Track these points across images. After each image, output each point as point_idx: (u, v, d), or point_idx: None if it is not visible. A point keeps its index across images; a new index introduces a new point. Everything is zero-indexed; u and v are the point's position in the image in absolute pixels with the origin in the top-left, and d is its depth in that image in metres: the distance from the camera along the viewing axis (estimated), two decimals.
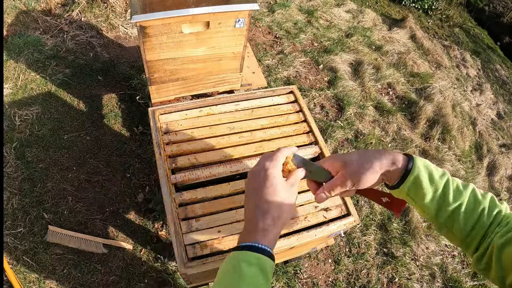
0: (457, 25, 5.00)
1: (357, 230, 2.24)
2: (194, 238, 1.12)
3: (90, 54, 2.64)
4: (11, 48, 2.46)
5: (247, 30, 1.65)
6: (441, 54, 4.05)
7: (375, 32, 3.84)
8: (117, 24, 2.88)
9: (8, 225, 1.82)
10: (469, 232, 0.64)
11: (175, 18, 1.46)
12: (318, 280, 1.99)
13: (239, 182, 1.27)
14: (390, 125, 2.90)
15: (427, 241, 2.31)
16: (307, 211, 1.24)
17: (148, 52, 1.57)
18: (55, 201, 1.94)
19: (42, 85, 2.36)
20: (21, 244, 1.78)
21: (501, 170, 3.01)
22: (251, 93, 1.54)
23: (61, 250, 1.80)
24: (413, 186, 0.65)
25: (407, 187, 0.66)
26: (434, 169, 0.66)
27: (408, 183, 0.65)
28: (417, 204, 0.67)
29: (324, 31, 3.57)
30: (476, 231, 0.63)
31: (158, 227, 1.96)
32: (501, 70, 4.55)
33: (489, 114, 3.64)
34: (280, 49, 3.20)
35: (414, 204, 0.68)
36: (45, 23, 2.69)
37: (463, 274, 2.23)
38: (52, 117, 2.23)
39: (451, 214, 0.64)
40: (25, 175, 1.98)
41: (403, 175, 0.66)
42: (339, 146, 2.63)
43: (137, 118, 2.36)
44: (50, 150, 2.10)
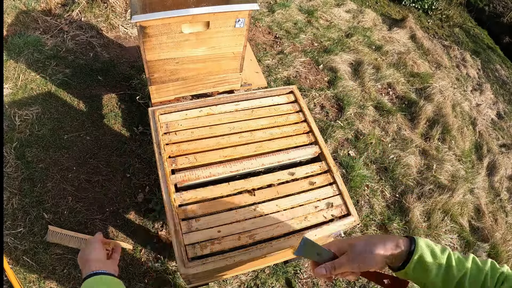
0: (457, 25, 5.00)
1: (357, 230, 2.24)
2: (194, 238, 1.12)
3: (90, 54, 2.64)
4: (11, 48, 2.46)
5: (247, 30, 1.65)
6: (441, 54, 4.05)
7: (375, 32, 3.84)
8: (117, 24, 2.88)
9: (8, 225, 1.82)
10: None
11: (175, 18, 1.46)
12: (318, 280, 1.99)
13: (239, 182, 1.27)
14: (390, 125, 2.90)
15: None
16: (307, 211, 1.24)
17: (148, 52, 1.57)
18: (55, 201, 1.94)
19: (42, 85, 2.36)
20: (21, 244, 1.78)
21: (501, 170, 3.01)
22: (251, 93, 1.54)
23: (61, 250, 1.80)
24: (418, 264, 0.69)
25: (412, 267, 0.69)
26: (435, 246, 0.71)
27: (413, 263, 0.69)
28: (422, 282, 0.70)
29: (324, 31, 3.57)
30: None
31: (158, 227, 1.96)
32: (501, 70, 4.55)
33: (489, 114, 3.64)
34: (280, 49, 3.20)
35: (419, 283, 0.71)
36: (45, 23, 2.69)
37: None
38: (52, 117, 2.23)
39: (457, 285, 0.68)
40: (25, 175, 1.98)
41: (407, 256, 0.70)
42: (339, 146, 2.63)
43: (137, 118, 2.36)
44: (50, 150, 2.10)
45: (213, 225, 1.15)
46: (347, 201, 1.30)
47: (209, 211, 1.17)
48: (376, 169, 2.58)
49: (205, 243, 1.11)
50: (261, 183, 1.28)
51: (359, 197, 2.38)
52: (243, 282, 1.89)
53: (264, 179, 1.29)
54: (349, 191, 2.35)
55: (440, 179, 2.65)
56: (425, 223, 2.37)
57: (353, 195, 2.37)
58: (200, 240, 1.11)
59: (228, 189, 1.24)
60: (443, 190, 2.55)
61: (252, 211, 1.18)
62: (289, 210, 1.22)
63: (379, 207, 2.36)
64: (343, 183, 1.36)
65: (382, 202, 2.41)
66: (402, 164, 2.63)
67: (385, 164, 2.62)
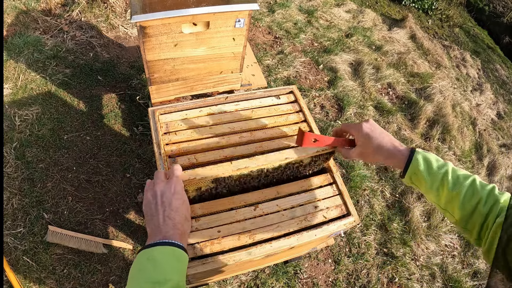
0: (457, 25, 5.00)
1: (357, 230, 2.24)
2: (194, 238, 1.12)
3: (90, 54, 2.64)
4: (11, 48, 2.46)
5: (247, 30, 1.65)
6: (441, 54, 4.05)
7: (375, 32, 3.85)
8: (117, 24, 2.88)
9: (8, 225, 1.82)
10: (468, 219, 0.71)
11: (175, 18, 1.46)
12: (318, 280, 1.99)
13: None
14: (390, 125, 2.90)
15: (427, 241, 2.31)
16: (307, 211, 1.24)
17: (148, 52, 1.57)
18: (55, 201, 1.94)
19: (42, 85, 2.36)
20: (21, 244, 1.78)
21: (501, 170, 3.01)
22: (251, 93, 1.54)
23: (61, 250, 1.80)
24: (414, 175, 0.80)
25: (410, 175, 0.81)
26: (434, 161, 0.79)
27: (410, 172, 0.81)
28: (421, 190, 0.81)
29: (324, 31, 3.57)
30: (475, 217, 0.70)
31: None
32: (501, 70, 4.55)
33: (489, 114, 3.64)
34: (280, 49, 3.20)
35: (419, 190, 0.82)
36: (45, 23, 2.69)
37: (463, 274, 2.23)
38: (52, 117, 2.23)
39: (450, 201, 0.74)
40: (25, 175, 1.98)
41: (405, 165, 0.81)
42: None
43: (137, 118, 2.36)
44: (50, 150, 2.10)
45: (213, 225, 1.15)
46: (347, 201, 1.30)
47: (209, 211, 1.17)
48: (376, 169, 2.58)
49: (205, 243, 1.11)
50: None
51: (359, 197, 2.38)
52: (243, 282, 1.89)
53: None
54: (349, 191, 2.35)
55: None
56: (425, 223, 2.37)
57: (353, 195, 2.37)
58: (200, 240, 1.11)
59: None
60: None
61: (252, 211, 1.18)
62: (289, 210, 1.22)
63: (379, 207, 2.36)
64: (343, 183, 1.36)
65: (382, 202, 2.41)
66: None
67: None
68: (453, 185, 0.73)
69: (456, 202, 0.72)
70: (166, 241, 0.66)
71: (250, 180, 1.17)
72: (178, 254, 0.65)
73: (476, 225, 0.70)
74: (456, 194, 0.72)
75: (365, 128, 0.89)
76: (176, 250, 0.65)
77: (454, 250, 2.34)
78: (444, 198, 0.75)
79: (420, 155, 0.79)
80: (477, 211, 0.69)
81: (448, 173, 0.75)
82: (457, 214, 0.73)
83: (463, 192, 0.72)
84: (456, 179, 0.74)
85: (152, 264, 0.61)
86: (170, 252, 0.64)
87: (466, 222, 0.71)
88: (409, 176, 0.81)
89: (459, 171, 0.76)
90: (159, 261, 0.61)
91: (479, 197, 0.70)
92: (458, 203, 0.72)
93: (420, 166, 0.78)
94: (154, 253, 0.63)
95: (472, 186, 0.72)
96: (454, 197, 0.73)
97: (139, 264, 0.63)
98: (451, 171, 0.76)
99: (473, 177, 0.74)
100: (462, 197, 0.72)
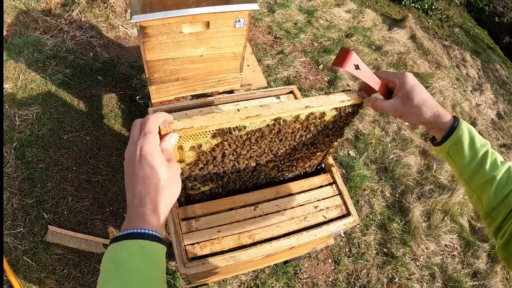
0: (457, 25, 5.00)
1: (357, 230, 2.24)
2: (194, 238, 1.12)
3: (90, 54, 2.64)
4: (11, 48, 2.46)
5: (247, 30, 1.65)
6: (441, 54, 4.05)
7: (375, 32, 3.84)
8: (117, 24, 2.88)
9: (8, 225, 1.82)
10: (496, 206, 0.67)
11: (175, 18, 1.46)
12: (318, 280, 1.99)
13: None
14: (390, 125, 2.90)
15: (427, 241, 2.30)
16: (307, 211, 1.24)
17: (148, 52, 1.57)
18: (55, 201, 1.94)
19: (42, 85, 2.36)
20: (21, 244, 1.78)
21: None
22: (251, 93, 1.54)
23: (61, 250, 1.80)
24: (454, 146, 0.71)
25: (449, 145, 0.72)
26: (477, 137, 0.71)
27: (450, 141, 0.71)
28: (455, 165, 0.72)
29: (324, 31, 3.57)
30: (503, 206, 0.66)
31: None
32: (501, 70, 4.55)
33: (489, 114, 3.64)
34: (280, 49, 3.20)
35: (452, 165, 0.74)
36: (45, 23, 2.69)
37: (463, 274, 2.23)
38: (52, 117, 2.23)
39: (483, 183, 0.68)
40: (25, 175, 1.98)
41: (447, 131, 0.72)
42: (339, 146, 2.63)
43: (137, 118, 2.36)
44: (50, 150, 2.10)
45: (213, 225, 1.15)
46: (347, 201, 1.30)
47: (209, 211, 1.17)
48: (376, 169, 2.58)
49: (205, 243, 1.11)
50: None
51: (359, 197, 2.38)
52: (243, 282, 1.89)
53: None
54: (349, 191, 2.35)
55: (440, 179, 2.65)
56: (425, 223, 2.37)
57: (353, 195, 2.37)
58: (200, 240, 1.11)
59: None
60: (443, 190, 2.55)
61: (252, 211, 1.18)
62: (289, 210, 1.22)
63: (379, 207, 2.36)
64: (343, 183, 1.36)
65: (382, 202, 2.41)
66: (402, 164, 2.63)
67: (385, 164, 2.62)
68: (490, 167, 0.68)
69: (489, 185, 0.68)
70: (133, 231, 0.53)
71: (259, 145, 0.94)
72: (149, 252, 0.52)
73: (501, 214, 0.66)
74: (492, 177, 0.67)
75: (410, 79, 0.76)
76: (147, 246, 0.52)
77: (454, 250, 2.34)
78: (479, 179, 0.69)
79: (465, 126, 0.71)
80: (507, 200, 0.66)
81: (489, 152, 0.70)
82: (486, 199, 0.68)
83: (499, 176, 0.67)
84: (495, 162, 0.69)
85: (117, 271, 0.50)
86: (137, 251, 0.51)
87: (493, 209, 0.67)
88: (448, 146, 0.72)
89: (497, 154, 0.71)
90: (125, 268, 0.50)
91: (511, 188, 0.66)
92: (491, 188, 0.67)
93: (464, 137, 0.70)
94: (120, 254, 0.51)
95: (508, 173, 0.68)
96: (489, 180, 0.68)
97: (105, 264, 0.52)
98: (490, 150, 0.70)
99: (509, 164, 0.70)
100: (497, 182, 0.67)
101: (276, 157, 1.04)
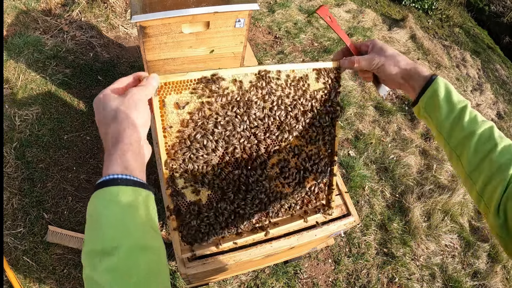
0: (457, 25, 5.00)
1: (357, 230, 2.24)
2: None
3: (90, 54, 2.64)
4: (11, 48, 2.46)
5: (247, 30, 1.65)
6: (441, 54, 4.05)
7: (375, 32, 3.84)
8: (117, 24, 2.88)
9: (8, 225, 1.82)
10: (476, 165, 0.63)
11: (175, 18, 1.46)
12: (318, 280, 1.99)
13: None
14: (390, 125, 2.90)
15: (427, 241, 2.30)
16: None
17: (148, 52, 1.57)
18: (55, 201, 1.94)
19: (42, 85, 2.36)
20: (21, 244, 1.78)
21: None
22: None
23: (61, 250, 1.80)
24: (430, 100, 0.69)
25: (425, 100, 0.70)
26: (453, 92, 0.69)
27: (427, 95, 0.69)
28: (433, 122, 0.70)
29: (324, 31, 3.57)
30: (484, 165, 0.62)
31: (158, 227, 1.96)
32: (501, 70, 4.55)
33: (489, 114, 3.64)
34: (280, 49, 3.20)
35: (431, 123, 0.71)
36: (45, 23, 2.69)
37: (463, 274, 2.23)
38: (52, 117, 2.23)
39: (462, 139, 0.65)
40: (25, 175, 1.98)
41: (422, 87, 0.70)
42: (339, 146, 2.63)
43: None
44: (50, 150, 2.10)
45: None
46: (347, 201, 1.30)
47: None
48: (376, 169, 2.58)
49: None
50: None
51: (359, 197, 2.38)
52: (243, 282, 1.89)
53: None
54: (349, 191, 2.35)
55: (440, 179, 2.65)
56: (425, 223, 2.37)
57: (353, 195, 2.37)
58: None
59: None
60: (443, 190, 2.55)
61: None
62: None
63: (379, 207, 2.36)
64: (343, 183, 1.36)
65: (382, 202, 2.41)
66: (402, 164, 2.63)
67: (385, 164, 2.62)
68: (470, 122, 0.65)
69: (468, 141, 0.64)
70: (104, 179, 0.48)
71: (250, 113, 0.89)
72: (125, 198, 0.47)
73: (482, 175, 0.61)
74: (472, 132, 0.64)
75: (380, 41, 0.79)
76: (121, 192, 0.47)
77: (454, 250, 2.34)
78: (457, 134, 0.65)
79: (441, 80, 0.69)
80: (488, 159, 0.61)
81: (467, 107, 0.67)
82: (466, 156, 0.64)
83: (479, 131, 0.63)
84: (474, 118, 0.65)
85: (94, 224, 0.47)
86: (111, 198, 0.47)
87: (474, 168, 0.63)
88: (424, 102, 0.70)
89: (477, 112, 0.68)
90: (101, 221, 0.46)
91: (494, 143, 0.62)
92: (470, 143, 0.63)
93: (440, 90, 0.67)
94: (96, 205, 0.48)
95: (490, 130, 0.64)
96: (468, 136, 0.64)
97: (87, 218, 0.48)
98: (469, 107, 0.67)
99: (491, 123, 0.65)
100: (477, 137, 0.63)
101: (276, 143, 0.95)
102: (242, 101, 0.88)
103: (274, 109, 0.92)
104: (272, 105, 0.92)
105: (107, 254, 0.45)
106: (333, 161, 1.04)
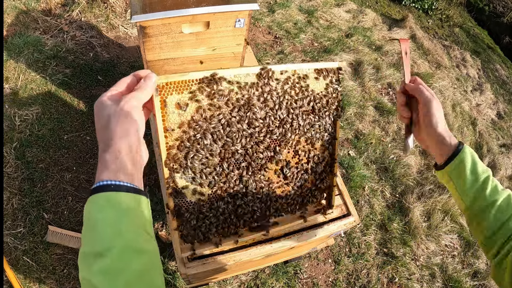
0: (457, 25, 5.00)
1: (357, 230, 2.24)
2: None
3: (90, 54, 2.64)
4: (11, 48, 2.45)
5: (247, 30, 1.65)
6: (441, 54, 4.05)
7: (375, 32, 3.84)
8: (117, 24, 2.88)
9: (8, 225, 1.82)
10: (495, 231, 0.68)
11: (175, 18, 1.46)
12: (318, 280, 1.99)
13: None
14: (390, 125, 2.90)
15: (427, 241, 2.31)
16: None
17: (148, 52, 1.57)
18: (55, 201, 1.94)
19: (42, 85, 2.36)
20: (21, 244, 1.78)
21: (501, 170, 3.01)
22: None
23: (61, 250, 1.80)
24: (457, 168, 0.73)
25: (453, 167, 0.73)
26: (479, 163, 0.73)
27: (454, 164, 0.73)
28: (457, 189, 0.74)
29: (324, 31, 3.57)
30: (502, 232, 0.68)
31: (158, 227, 1.96)
32: (501, 70, 4.55)
33: (489, 114, 3.64)
34: (280, 49, 3.20)
35: (454, 190, 0.75)
36: (45, 23, 2.69)
37: (463, 274, 2.23)
38: (52, 117, 2.23)
39: (484, 208, 0.70)
40: (25, 175, 1.98)
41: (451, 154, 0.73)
42: (339, 146, 2.63)
43: None
44: (50, 150, 2.10)
45: None
46: (347, 201, 1.30)
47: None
48: (376, 169, 2.58)
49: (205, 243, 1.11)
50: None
51: (359, 197, 2.38)
52: (243, 282, 1.89)
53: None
54: (349, 191, 2.35)
55: None
56: (425, 223, 2.37)
57: (353, 195, 2.37)
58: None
59: None
60: (443, 190, 2.55)
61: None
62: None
63: (379, 207, 2.36)
64: (343, 183, 1.36)
65: (382, 202, 2.41)
66: (402, 164, 2.63)
67: (385, 164, 2.62)
68: (491, 192, 0.70)
69: (490, 210, 0.69)
70: (98, 184, 0.51)
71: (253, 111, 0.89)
72: (118, 203, 0.49)
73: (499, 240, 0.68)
74: (493, 202, 0.69)
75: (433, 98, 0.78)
76: (112, 198, 0.49)
77: (454, 250, 2.34)
78: (480, 203, 0.71)
79: (468, 150, 0.73)
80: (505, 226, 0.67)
81: (490, 178, 0.72)
82: (486, 223, 0.69)
83: (499, 201, 0.69)
84: (495, 188, 0.71)
85: (89, 228, 0.49)
86: (104, 204, 0.49)
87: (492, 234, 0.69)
88: (451, 169, 0.73)
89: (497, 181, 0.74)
90: (95, 225, 0.48)
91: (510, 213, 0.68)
92: (491, 212, 0.69)
93: (467, 160, 0.71)
94: (90, 210, 0.50)
95: (508, 199, 0.70)
96: (489, 205, 0.69)
97: (83, 221, 0.51)
98: (491, 177, 0.72)
99: (509, 192, 0.72)
100: (497, 206, 0.69)
101: (276, 143, 0.95)
102: (243, 101, 0.88)
103: (274, 109, 0.92)
104: (272, 105, 0.92)
105: (100, 255, 0.46)
106: (333, 161, 1.04)
